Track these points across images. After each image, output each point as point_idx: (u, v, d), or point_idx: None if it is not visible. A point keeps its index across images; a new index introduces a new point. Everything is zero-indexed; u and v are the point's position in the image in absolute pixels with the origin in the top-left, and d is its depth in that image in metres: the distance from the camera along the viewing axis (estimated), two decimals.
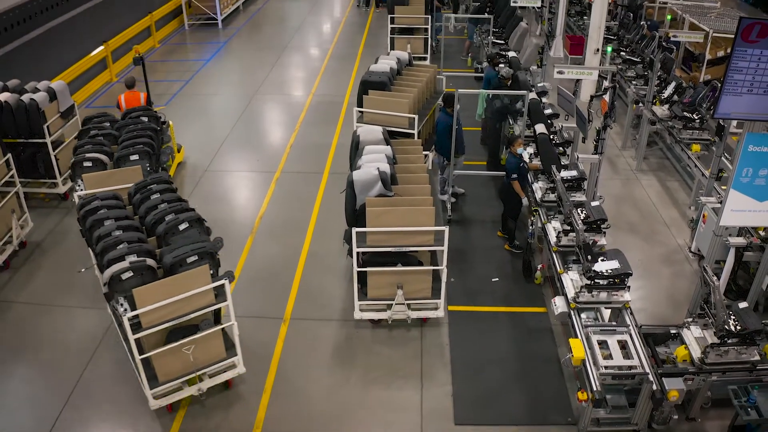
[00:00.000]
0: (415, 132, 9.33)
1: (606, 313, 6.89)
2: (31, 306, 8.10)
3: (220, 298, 6.25)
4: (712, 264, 6.97)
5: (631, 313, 6.52)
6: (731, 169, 6.24)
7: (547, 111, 10.09)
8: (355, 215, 7.41)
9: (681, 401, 5.94)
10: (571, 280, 6.90)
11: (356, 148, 8.37)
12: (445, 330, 7.68)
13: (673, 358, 6.25)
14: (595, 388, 5.78)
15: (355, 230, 7.06)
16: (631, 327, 6.33)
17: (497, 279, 8.55)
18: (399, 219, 7.00)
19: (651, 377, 5.78)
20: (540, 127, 9.31)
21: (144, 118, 9.31)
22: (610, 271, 6.56)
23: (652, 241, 9.34)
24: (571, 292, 6.73)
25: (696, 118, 10.28)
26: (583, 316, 6.64)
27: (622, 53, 13.68)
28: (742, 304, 6.22)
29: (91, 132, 8.89)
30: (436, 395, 6.80)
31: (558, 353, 7.28)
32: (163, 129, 10.02)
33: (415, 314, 7.58)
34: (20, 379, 7.13)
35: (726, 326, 5.99)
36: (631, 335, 6.24)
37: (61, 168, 10.04)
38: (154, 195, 7.10)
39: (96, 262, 6.51)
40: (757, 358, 6.03)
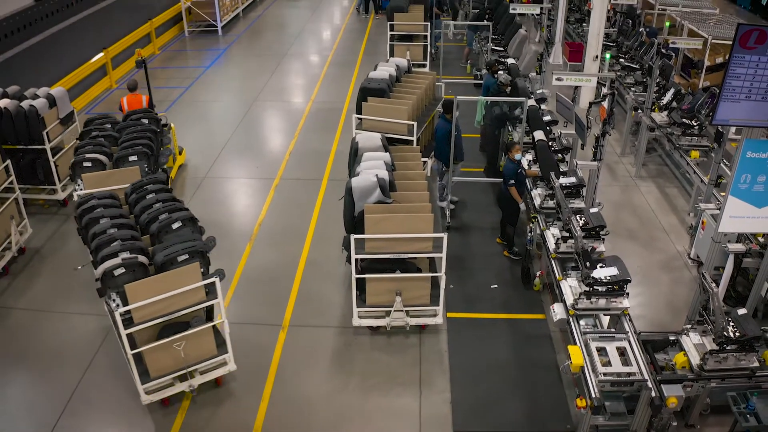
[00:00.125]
0: (414, 139, 9.34)
1: (605, 319, 6.89)
2: (30, 312, 8.10)
3: (211, 296, 6.34)
4: (711, 270, 6.95)
5: (630, 320, 6.52)
6: (730, 175, 6.25)
7: (546, 118, 10.11)
8: (354, 222, 7.40)
9: (680, 408, 5.91)
10: (570, 286, 6.90)
11: (355, 155, 8.38)
12: (444, 337, 7.67)
13: (672, 365, 6.24)
14: (593, 395, 5.77)
15: (353, 237, 7.06)
16: (629, 334, 6.32)
17: (496, 286, 8.54)
18: (398, 226, 7.01)
19: (650, 384, 5.76)
20: (539, 134, 9.31)
21: (144, 120, 9.42)
22: (608, 277, 6.57)
23: (651, 247, 9.33)
24: (569, 299, 6.73)
25: (695, 124, 10.32)
26: (581, 322, 6.63)
27: (621, 60, 13.72)
28: (741, 311, 6.23)
29: (93, 133, 9.03)
30: (435, 402, 6.79)
31: (557, 360, 7.27)
32: (164, 131, 10.09)
33: (413, 321, 7.57)
34: (19, 384, 7.12)
35: (725, 333, 5.99)
36: (629, 342, 6.23)
37: (61, 174, 10.06)
38: (149, 195, 7.20)
39: (92, 259, 6.58)
40: (756, 364, 6.03)
